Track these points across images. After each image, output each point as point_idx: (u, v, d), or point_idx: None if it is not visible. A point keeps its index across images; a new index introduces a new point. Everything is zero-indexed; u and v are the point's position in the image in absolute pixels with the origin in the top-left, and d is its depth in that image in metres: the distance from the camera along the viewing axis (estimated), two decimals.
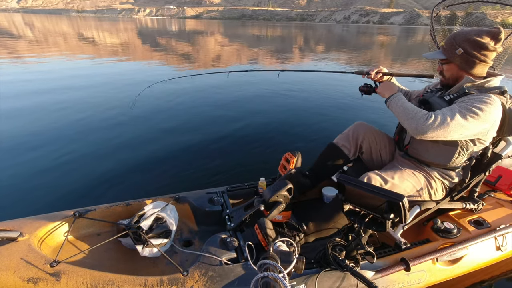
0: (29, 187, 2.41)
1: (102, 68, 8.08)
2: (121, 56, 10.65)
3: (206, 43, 17.48)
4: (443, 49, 1.40)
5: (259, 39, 22.54)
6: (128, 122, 3.93)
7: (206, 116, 4.30)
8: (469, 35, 1.31)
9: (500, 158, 1.49)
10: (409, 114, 1.31)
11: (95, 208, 1.46)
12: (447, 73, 1.42)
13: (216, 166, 2.88)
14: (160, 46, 15.15)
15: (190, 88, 5.85)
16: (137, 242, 1.30)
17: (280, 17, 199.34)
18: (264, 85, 6.49)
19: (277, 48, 16.20)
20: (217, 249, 1.26)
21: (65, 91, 5.33)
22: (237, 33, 31.53)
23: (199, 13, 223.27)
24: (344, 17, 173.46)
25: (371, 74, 1.64)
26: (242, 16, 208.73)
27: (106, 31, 25.37)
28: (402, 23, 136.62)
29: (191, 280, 1.12)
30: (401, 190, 1.36)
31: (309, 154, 1.80)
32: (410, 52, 16.95)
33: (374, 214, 1.04)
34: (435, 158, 1.42)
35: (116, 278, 1.08)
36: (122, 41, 16.51)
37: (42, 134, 3.40)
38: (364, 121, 1.71)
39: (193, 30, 32.61)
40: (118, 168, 2.75)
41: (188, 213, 1.62)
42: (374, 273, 1.26)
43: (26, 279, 1.01)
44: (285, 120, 4.30)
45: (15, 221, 1.27)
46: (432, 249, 1.42)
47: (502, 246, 1.55)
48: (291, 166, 1.46)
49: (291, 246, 1.17)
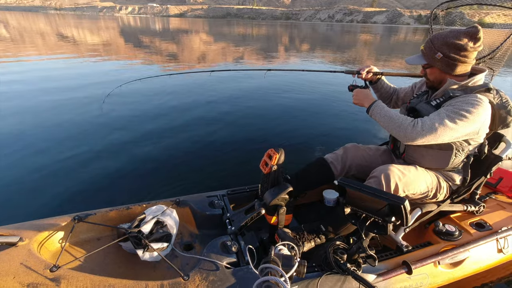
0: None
1: (80, 69, 7.79)
2: (102, 55, 10.36)
3: (191, 42, 17.18)
4: (423, 54, 1.40)
5: (245, 38, 22.38)
6: (124, 125, 3.93)
7: (205, 119, 4.30)
8: (447, 38, 1.30)
9: (500, 160, 1.49)
10: (395, 122, 1.30)
11: (95, 212, 1.45)
12: (430, 77, 1.43)
13: (216, 169, 2.87)
14: (143, 45, 14.84)
15: (189, 89, 5.87)
16: (137, 246, 1.29)
17: (265, 15, 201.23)
18: (254, 85, 6.51)
19: (262, 47, 16.08)
20: (218, 253, 1.26)
21: (46, 91, 5.26)
22: (222, 31, 31.33)
23: (183, 12, 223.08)
24: (328, 16, 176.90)
25: (362, 74, 1.65)
26: (227, 14, 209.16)
27: (87, 29, 24.68)
28: (385, 22, 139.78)
29: (192, 285, 1.11)
30: (415, 187, 1.35)
31: (306, 153, 1.77)
32: (394, 51, 17.19)
33: (375, 217, 1.04)
34: (433, 163, 1.43)
35: (116, 282, 1.07)
36: (103, 40, 16.11)
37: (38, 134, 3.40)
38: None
39: (177, 29, 32.24)
40: (119, 172, 2.75)
41: (188, 217, 1.62)
42: (375, 277, 1.26)
43: (26, 285, 1.01)
44: (286, 121, 4.31)
45: (14, 226, 1.26)
46: (433, 252, 1.41)
47: (504, 249, 1.54)
48: (273, 163, 1.44)
49: (292, 250, 1.17)
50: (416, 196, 1.39)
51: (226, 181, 2.60)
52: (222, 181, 2.64)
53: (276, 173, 1.46)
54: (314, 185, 1.67)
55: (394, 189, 1.30)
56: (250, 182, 1.91)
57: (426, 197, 1.43)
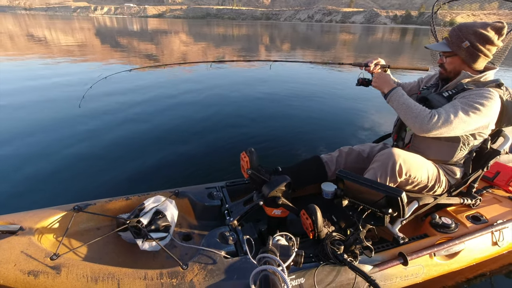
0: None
1: (54, 69, 7.17)
2: (76, 56, 9.66)
3: (170, 43, 16.44)
4: (447, 41, 1.37)
5: (225, 38, 21.94)
6: (127, 118, 3.92)
7: (205, 112, 4.29)
8: (475, 28, 1.30)
9: (498, 154, 1.50)
10: (413, 112, 1.29)
11: (95, 202, 1.46)
12: (449, 66, 1.40)
13: (215, 160, 2.88)
14: (121, 45, 13.96)
15: (188, 84, 5.83)
16: (137, 236, 1.30)
17: (246, 16, 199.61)
18: (258, 81, 6.46)
19: (244, 47, 15.76)
20: (216, 243, 1.27)
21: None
22: (203, 32, 30.69)
23: (162, 12, 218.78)
24: (308, 16, 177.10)
25: (370, 67, 1.61)
26: (207, 15, 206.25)
27: (60, 30, 23.17)
28: (363, 22, 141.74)
29: (190, 274, 1.12)
30: (417, 173, 1.35)
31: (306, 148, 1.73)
32: (372, 50, 17.55)
33: (372, 209, 1.05)
34: (438, 154, 1.43)
35: (116, 271, 1.08)
36: (78, 41, 15.03)
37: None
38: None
39: (156, 30, 31.32)
40: (118, 163, 2.75)
41: (187, 207, 1.63)
42: (372, 267, 1.28)
43: (27, 272, 1.02)
44: (285, 115, 4.30)
45: (15, 215, 1.27)
46: (429, 244, 1.43)
47: (498, 241, 1.56)
48: (248, 166, 1.43)
49: (290, 241, 1.18)
50: (415, 183, 1.39)
51: (225, 173, 2.61)
52: (221, 172, 2.65)
53: (255, 175, 1.44)
54: (305, 182, 1.66)
55: (398, 170, 1.30)
56: None
57: (424, 188, 1.43)
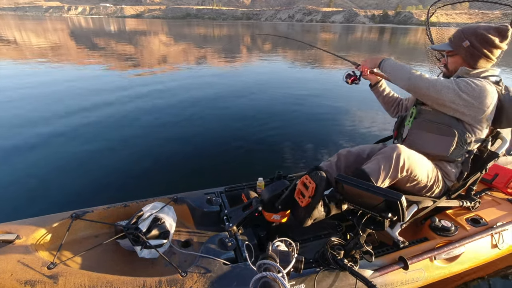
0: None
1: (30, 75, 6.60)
2: (51, 59, 9.13)
3: (150, 44, 16.13)
4: (450, 42, 1.45)
5: (206, 39, 21.83)
6: (123, 123, 3.92)
7: (203, 117, 4.29)
8: (477, 29, 1.35)
9: (496, 156, 1.50)
10: (405, 71, 1.40)
11: (93, 210, 1.45)
12: (451, 66, 1.47)
13: (214, 166, 2.87)
14: (98, 47, 13.54)
15: (188, 87, 5.84)
16: (135, 243, 1.29)
17: (226, 16, 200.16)
18: (258, 82, 6.49)
19: (225, 47, 15.62)
20: (215, 249, 1.26)
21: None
22: (183, 32, 30.56)
23: (140, 12, 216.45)
24: (288, 16, 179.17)
25: (361, 66, 1.72)
26: (187, 15, 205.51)
27: (31, 31, 22.18)
28: (343, 22, 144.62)
29: (190, 281, 1.11)
30: (418, 171, 1.35)
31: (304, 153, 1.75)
32: (352, 49, 18.04)
33: (372, 213, 1.05)
34: (433, 148, 1.43)
35: (114, 279, 1.07)
36: (52, 42, 14.18)
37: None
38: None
39: (134, 30, 31.02)
40: (116, 170, 2.74)
41: (186, 213, 1.62)
42: (372, 272, 1.27)
43: (24, 282, 1.01)
44: (284, 119, 4.31)
45: (11, 224, 1.26)
46: (430, 247, 1.43)
47: (498, 244, 1.56)
48: (311, 194, 1.46)
49: (289, 246, 1.17)
50: (415, 181, 1.38)
51: (223, 178, 2.60)
52: (220, 178, 2.64)
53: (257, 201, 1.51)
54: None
55: (402, 165, 1.30)
56: (247, 179, 1.91)
57: (423, 188, 1.42)
